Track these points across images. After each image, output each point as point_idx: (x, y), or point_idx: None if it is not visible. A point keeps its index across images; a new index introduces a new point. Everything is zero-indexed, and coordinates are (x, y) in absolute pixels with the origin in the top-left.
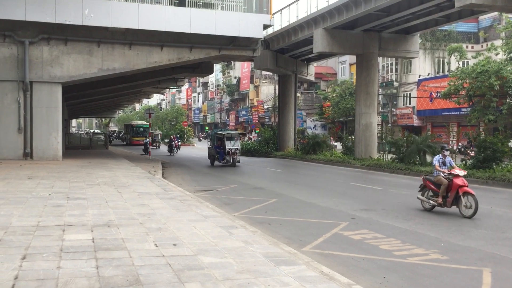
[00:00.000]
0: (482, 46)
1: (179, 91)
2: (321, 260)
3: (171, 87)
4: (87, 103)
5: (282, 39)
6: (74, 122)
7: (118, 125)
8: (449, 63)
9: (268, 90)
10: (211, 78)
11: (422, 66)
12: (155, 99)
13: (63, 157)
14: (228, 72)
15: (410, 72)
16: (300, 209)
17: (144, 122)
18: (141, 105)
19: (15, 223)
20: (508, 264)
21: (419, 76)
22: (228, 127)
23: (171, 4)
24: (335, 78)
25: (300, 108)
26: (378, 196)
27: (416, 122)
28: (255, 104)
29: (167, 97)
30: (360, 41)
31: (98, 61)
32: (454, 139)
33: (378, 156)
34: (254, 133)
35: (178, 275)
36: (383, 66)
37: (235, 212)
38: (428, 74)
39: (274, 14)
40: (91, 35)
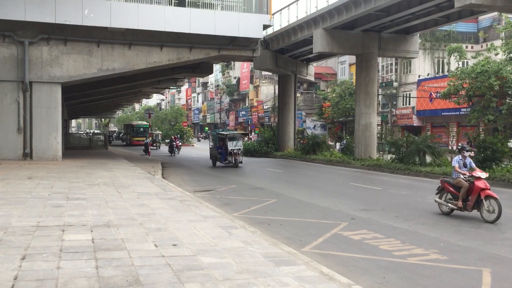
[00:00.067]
0: (481, 46)
1: (179, 91)
2: (320, 260)
3: (171, 87)
4: (86, 103)
5: (282, 39)
6: (74, 122)
7: (118, 125)
8: (448, 63)
9: (267, 90)
10: (211, 78)
11: (421, 66)
12: (154, 99)
13: (62, 157)
14: (228, 72)
15: (410, 72)
16: (299, 209)
17: (144, 122)
18: (140, 105)
19: (14, 224)
20: (508, 264)
21: (419, 76)
22: (227, 127)
23: (171, 4)
24: (335, 78)
25: (299, 108)
26: (377, 196)
27: (415, 122)
28: (255, 104)
29: (166, 97)
30: (359, 41)
31: (97, 61)
32: (454, 139)
33: (378, 156)
34: (253, 133)
35: (178, 275)
36: (382, 66)
37: (235, 212)
38: (428, 74)
39: (273, 14)
40: (90, 35)
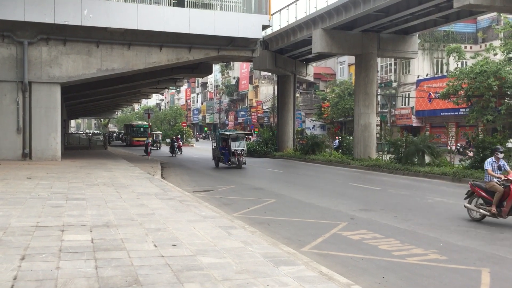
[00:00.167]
0: (480, 47)
1: (178, 92)
2: (320, 260)
3: (170, 88)
4: (86, 103)
5: (281, 40)
6: (73, 123)
7: (117, 125)
8: (447, 64)
9: (267, 91)
10: (210, 79)
11: (420, 66)
12: (154, 100)
13: (62, 157)
14: (227, 73)
15: (409, 72)
16: (299, 209)
17: (144, 122)
18: (140, 105)
19: (14, 224)
20: (507, 264)
21: (418, 76)
22: (227, 128)
23: (170, 5)
24: (334, 79)
25: (299, 108)
26: (377, 196)
27: (415, 122)
28: (254, 104)
29: (166, 97)
30: (359, 41)
31: (97, 61)
32: (453, 140)
33: (377, 157)
34: (253, 133)
35: (177, 275)
36: (382, 67)
37: (234, 212)
38: (427, 75)
39: (273, 14)
40: (90, 35)
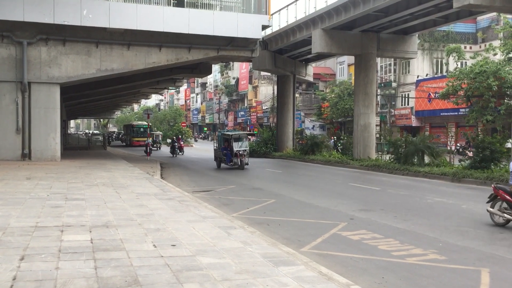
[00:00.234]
0: (480, 47)
1: (178, 92)
2: (319, 260)
3: (170, 88)
4: (85, 103)
5: (281, 40)
6: (73, 123)
7: (117, 125)
8: (447, 64)
9: (266, 91)
10: (210, 79)
11: (420, 66)
12: (153, 100)
13: (61, 157)
14: (227, 73)
15: (409, 72)
16: (298, 209)
17: (144, 122)
18: (139, 105)
19: (13, 224)
20: (507, 264)
21: (418, 76)
22: (226, 128)
23: (170, 5)
24: (334, 79)
25: (298, 108)
26: (376, 196)
27: (414, 122)
28: (254, 104)
29: (165, 97)
30: (358, 41)
31: (96, 61)
32: (453, 140)
33: (377, 157)
34: (254, 133)
35: (177, 275)
36: (381, 67)
37: (234, 212)
38: (427, 75)
39: (272, 14)
40: (89, 35)
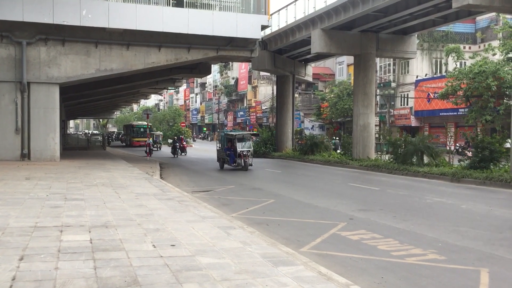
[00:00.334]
0: (479, 47)
1: (177, 92)
2: (319, 260)
3: (169, 88)
4: (84, 103)
5: (280, 40)
6: (72, 123)
7: (116, 125)
8: (446, 64)
9: (266, 91)
10: (209, 79)
11: (419, 66)
12: (153, 100)
13: (60, 158)
14: (226, 73)
15: (408, 72)
16: (298, 209)
17: (144, 122)
18: (139, 106)
19: (12, 224)
20: (506, 264)
21: (417, 76)
22: (226, 128)
23: (169, 5)
24: (333, 79)
25: (298, 108)
26: (376, 196)
27: (413, 122)
28: (253, 104)
29: (165, 97)
30: (357, 41)
31: (95, 61)
32: (452, 140)
33: (376, 157)
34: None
35: (176, 275)
36: (380, 67)
37: (233, 212)
38: (426, 75)
39: (272, 14)
40: (88, 35)
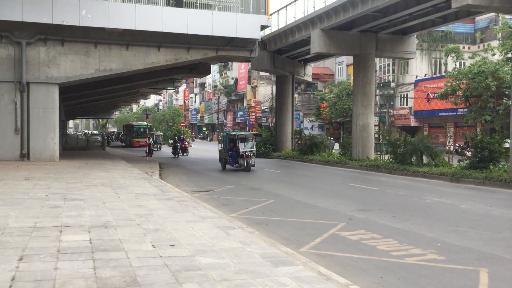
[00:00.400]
0: (478, 47)
1: (176, 92)
2: (318, 260)
3: (168, 88)
4: (84, 104)
5: (280, 40)
6: (71, 123)
7: (116, 125)
8: (446, 64)
9: (265, 91)
10: (209, 79)
11: (419, 66)
12: (152, 100)
13: (60, 158)
14: (226, 73)
15: (407, 72)
16: (297, 209)
17: (144, 122)
18: (138, 106)
19: (12, 224)
20: (505, 264)
21: (416, 76)
22: (225, 128)
23: (168, 5)
24: (332, 79)
25: (297, 108)
26: (375, 196)
27: (413, 122)
28: (253, 104)
29: (164, 97)
30: (357, 41)
31: (95, 61)
32: (451, 140)
33: (375, 157)
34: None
35: (176, 275)
36: (380, 67)
37: (233, 213)
38: (425, 75)
39: (271, 14)
40: (88, 35)
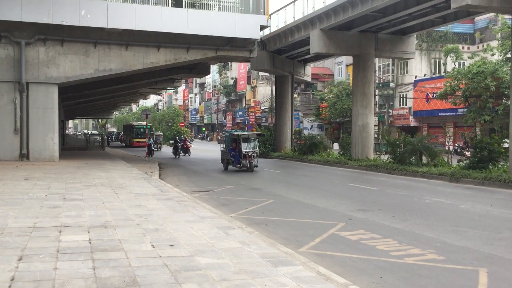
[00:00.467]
0: (478, 47)
1: (176, 92)
2: (318, 260)
3: (168, 88)
4: (83, 104)
5: (279, 40)
6: (71, 123)
7: (115, 125)
8: (445, 64)
9: (265, 91)
10: (208, 79)
11: (418, 67)
12: (152, 100)
13: (59, 158)
14: (225, 73)
15: (407, 73)
16: (297, 209)
17: (144, 123)
18: (137, 106)
19: (11, 224)
20: (505, 264)
21: (416, 77)
22: (225, 128)
23: (168, 5)
24: (332, 79)
25: (297, 109)
26: (375, 196)
27: (412, 122)
28: (252, 105)
29: (164, 98)
30: (356, 42)
31: (94, 61)
32: (451, 140)
33: (375, 157)
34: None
35: (175, 276)
36: (379, 67)
37: (232, 213)
38: (425, 75)
39: (271, 15)
40: (87, 35)
